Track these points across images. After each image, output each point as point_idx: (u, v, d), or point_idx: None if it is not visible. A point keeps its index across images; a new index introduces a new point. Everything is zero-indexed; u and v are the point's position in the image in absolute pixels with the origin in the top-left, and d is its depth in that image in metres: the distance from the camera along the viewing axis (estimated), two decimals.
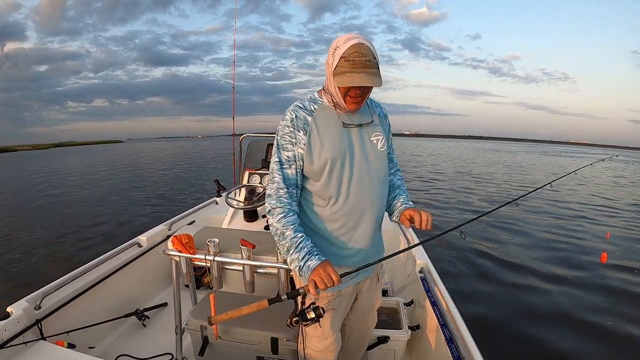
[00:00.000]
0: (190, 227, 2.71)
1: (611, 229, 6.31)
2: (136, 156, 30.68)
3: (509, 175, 15.43)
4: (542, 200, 8.48)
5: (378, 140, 1.15)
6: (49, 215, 7.53)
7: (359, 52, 0.95)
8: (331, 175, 1.08)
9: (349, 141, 1.10)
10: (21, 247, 5.29)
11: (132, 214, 7.43)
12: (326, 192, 1.10)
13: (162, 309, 2.32)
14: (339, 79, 0.98)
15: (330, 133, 1.08)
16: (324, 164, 1.06)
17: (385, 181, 1.20)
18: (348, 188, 1.10)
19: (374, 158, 1.14)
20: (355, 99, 1.03)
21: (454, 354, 1.37)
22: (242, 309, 1.11)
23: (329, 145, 1.07)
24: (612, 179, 15.63)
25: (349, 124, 1.10)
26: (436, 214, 7.19)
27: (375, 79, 0.97)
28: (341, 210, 1.11)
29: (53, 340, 1.55)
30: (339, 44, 0.99)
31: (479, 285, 3.85)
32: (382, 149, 1.15)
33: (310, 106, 1.10)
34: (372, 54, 0.97)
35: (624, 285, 3.93)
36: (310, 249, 1.03)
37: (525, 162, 24.34)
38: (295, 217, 1.07)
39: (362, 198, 1.12)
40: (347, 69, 0.96)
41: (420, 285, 1.95)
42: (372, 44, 0.99)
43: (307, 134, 1.07)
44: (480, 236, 5.62)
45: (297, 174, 1.09)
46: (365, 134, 1.13)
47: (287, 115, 1.09)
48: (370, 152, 1.13)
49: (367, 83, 0.96)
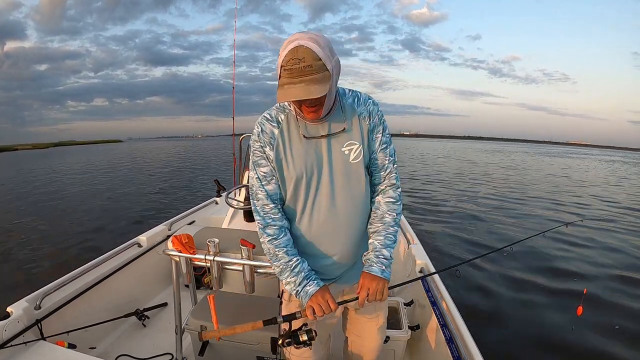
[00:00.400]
0: (190, 227, 2.71)
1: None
2: (136, 156, 30.68)
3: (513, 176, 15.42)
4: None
5: (351, 150, 0.99)
6: (48, 215, 7.53)
7: (296, 57, 0.80)
8: (296, 192, 1.01)
9: (315, 155, 0.98)
10: (21, 247, 5.29)
11: (132, 213, 7.43)
12: (293, 209, 1.04)
13: (162, 309, 2.32)
14: (278, 92, 0.84)
15: (295, 147, 0.98)
16: (292, 179, 0.99)
17: (362, 197, 1.04)
18: (312, 208, 1.02)
19: (345, 172, 1.00)
20: (311, 109, 0.90)
21: (454, 354, 1.37)
22: (235, 327, 1.10)
23: (293, 161, 0.98)
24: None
25: (312, 136, 0.98)
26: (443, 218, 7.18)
27: (317, 87, 0.81)
28: (309, 231, 1.04)
29: (53, 340, 1.55)
30: (280, 51, 0.85)
31: (479, 284, 3.85)
32: (355, 160, 0.99)
33: (278, 116, 1.00)
34: (313, 55, 0.81)
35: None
36: (308, 274, 1.01)
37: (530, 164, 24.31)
38: (286, 237, 1.03)
39: (331, 218, 1.02)
40: (286, 80, 0.83)
41: (420, 285, 1.95)
42: (319, 41, 0.82)
43: (273, 149, 0.99)
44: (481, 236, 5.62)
45: (279, 187, 1.03)
46: (335, 145, 0.99)
47: (255, 128, 1.01)
48: (340, 165, 0.99)
49: (304, 96, 0.81)
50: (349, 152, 0.99)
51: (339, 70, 0.91)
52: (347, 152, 0.99)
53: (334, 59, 0.87)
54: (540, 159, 31.16)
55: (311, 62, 0.81)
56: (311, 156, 0.98)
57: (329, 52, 0.85)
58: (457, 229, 6.04)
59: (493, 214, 7.28)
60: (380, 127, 1.02)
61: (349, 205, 1.02)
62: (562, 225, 1.97)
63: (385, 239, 1.03)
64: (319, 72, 0.82)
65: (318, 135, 0.98)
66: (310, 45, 0.81)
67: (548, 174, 16.75)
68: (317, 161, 0.98)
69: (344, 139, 0.99)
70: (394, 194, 1.06)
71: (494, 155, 33.16)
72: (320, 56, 0.82)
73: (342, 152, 0.99)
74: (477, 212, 7.47)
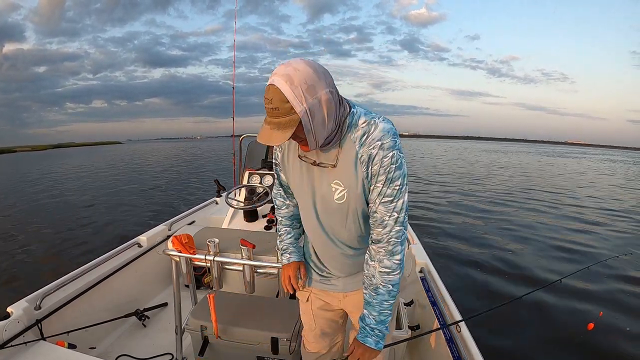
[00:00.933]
0: (190, 227, 2.71)
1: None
2: (135, 157, 30.69)
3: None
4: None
5: (336, 190, 0.90)
6: (48, 215, 7.53)
7: (267, 98, 0.76)
8: (299, 202, 1.06)
9: (307, 177, 0.96)
10: (21, 247, 5.29)
11: (132, 214, 7.44)
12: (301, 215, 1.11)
13: (162, 309, 2.32)
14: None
15: (292, 167, 1.00)
16: (294, 192, 1.06)
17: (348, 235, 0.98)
18: (305, 221, 1.07)
19: (329, 208, 0.95)
20: (300, 143, 0.87)
21: (454, 354, 1.37)
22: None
23: (292, 180, 1.03)
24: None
25: (305, 157, 0.93)
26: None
27: (278, 134, 0.77)
28: (307, 240, 1.14)
29: (53, 340, 1.55)
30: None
31: (479, 284, 3.85)
32: (339, 201, 0.91)
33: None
34: (280, 97, 0.74)
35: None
36: (287, 247, 1.16)
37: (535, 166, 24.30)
38: (291, 238, 1.17)
39: (319, 239, 1.04)
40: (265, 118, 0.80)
41: (420, 285, 1.95)
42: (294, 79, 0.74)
43: (281, 168, 1.07)
44: (482, 234, 5.63)
45: (288, 195, 1.15)
46: (325, 176, 0.91)
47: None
48: (325, 198, 0.94)
49: (264, 141, 0.78)
50: (335, 190, 0.90)
51: (330, 105, 0.79)
52: (333, 190, 0.91)
53: (313, 98, 0.76)
54: (547, 159, 31.14)
55: (278, 105, 0.75)
56: (304, 177, 0.97)
57: (303, 92, 0.74)
58: (457, 229, 6.05)
59: (498, 215, 7.29)
60: (382, 176, 0.84)
61: (336, 236, 1.00)
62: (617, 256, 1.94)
63: (380, 315, 0.94)
64: (285, 115, 0.76)
65: (310, 159, 0.93)
66: (280, 84, 0.74)
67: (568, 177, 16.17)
68: (308, 183, 0.96)
69: (332, 175, 0.90)
70: (390, 264, 0.90)
71: (498, 156, 33.16)
72: (288, 98, 0.74)
73: (330, 187, 0.91)
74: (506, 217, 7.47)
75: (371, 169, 0.85)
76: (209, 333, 1.49)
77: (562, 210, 7.92)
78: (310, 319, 1.21)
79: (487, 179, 13.81)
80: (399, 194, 0.86)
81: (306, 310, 1.21)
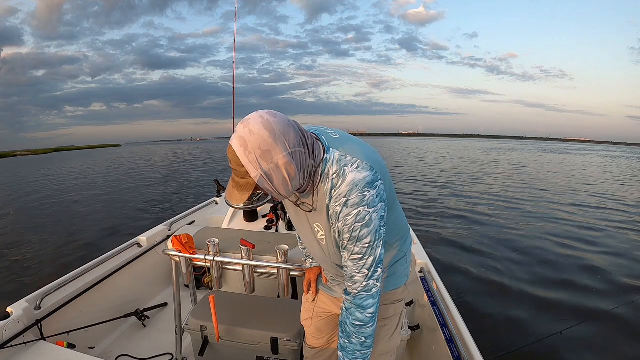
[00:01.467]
0: (190, 227, 2.70)
1: None
2: (135, 159, 30.69)
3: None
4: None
5: (318, 232, 0.91)
6: (48, 216, 7.54)
7: (228, 156, 0.75)
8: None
9: (296, 213, 0.97)
10: (21, 247, 5.30)
11: (132, 214, 7.44)
12: None
13: (162, 309, 2.32)
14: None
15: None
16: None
17: (338, 267, 0.96)
18: (307, 247, 1.09)
19: (316, 243, 0.95)
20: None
21: (454, 354, 1.37)
22: None
23: (287, 203, 0.99)
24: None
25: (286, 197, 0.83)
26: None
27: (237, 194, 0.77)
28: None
29: (53, 340, 1.55)
30: None
31: (479, 284, 3.85)
32: (322, 242, 0.92)
33: None
34: (236, 160, 0.73)
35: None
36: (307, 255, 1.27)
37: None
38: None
39: (316, 255, 1.04)
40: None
41: (420, 285, 1.95)
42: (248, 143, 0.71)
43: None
44: (482, 234, 5.62)
45: None
46: (309, 217, 0.92)
47: None
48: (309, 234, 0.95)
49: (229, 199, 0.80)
50: (318, 230, 0.90)
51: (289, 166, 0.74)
52: (317, 230, 0.91)
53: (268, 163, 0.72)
54: (553, 156, 31.14)
55: (235, 167, 0.75)
56: (293, 212, 0.98)
57: (257, 157, 0.71)
58: (457, 229, 6.04)
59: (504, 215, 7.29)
60: (347, 234, 0.80)
61: (328, 261, 0.99)
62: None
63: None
64: (242, 177, 0.75)
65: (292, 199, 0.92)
66: (236, 148, 0.72)
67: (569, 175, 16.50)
68: (296, 219, 0.99)
69: (313, 218, 0.89)
70: (362, 317, 0.86)
71: (498, 153, 33.16)
72: (243, 163, 0.72)
73: (313, 227, 0.91)
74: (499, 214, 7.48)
75: (337, 226, 0.81)
76: (209, 333, 1.49)
77: (568, 210, 7.93)
78: (309, 316, 1.26)
79: (493, 177, 13.81)
80: (368, 250, 0.80)
81: (308, 308, 1.26)
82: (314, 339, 1.27)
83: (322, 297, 1.22)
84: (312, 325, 1.25)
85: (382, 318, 1.03)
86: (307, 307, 1.28)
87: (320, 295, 1.23)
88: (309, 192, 0.85)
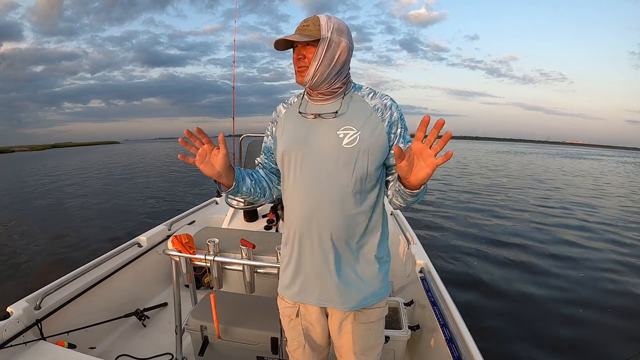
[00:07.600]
0: (190, 227, 2.70)
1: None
2: (133, 157, 30.67)
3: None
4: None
5: (346, 135, 0.90)
6: (47, 216, 7.53)
7: (304, 21, 0.90)
8: (285, 171, 0.99)
9: (305, 132, 0.95)
10: (20, 247, 5.29)
11: (132, 214, 7.43)
12: (284, 189, 1.02)
13: (162, 309, 2.32)
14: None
15: (289, 123, 1.00)
16: (280, 157, 0.99)
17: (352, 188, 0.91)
18: (293, 190, 0.96)
19: (333, 156, 0.90)
20: (297, 66, 0.92)
21: (454, 354, 1.37)
22: None
23: (285, 136, 0.99)
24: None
25: (305, 113, 0.97)
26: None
27: (298, 36, 0.88)
28: (288, 218, 1.01)
29: (53, 340, 1.55)
30: None
31: (479, 283, 3.85)
32: (349, 145, 0.89)
33: (292, 100, 1.05)
34: (315, 21, 0.88)
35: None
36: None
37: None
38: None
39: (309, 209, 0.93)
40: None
41: (420, 285, 1.95)
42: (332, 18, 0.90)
43: (275, 125, 1.05)
44: (482, 234, 5.62)
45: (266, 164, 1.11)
46: (329, 127, 0.92)
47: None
48: (328, 147, 0.91)
49: (285, 36, 0.88)
50: (344, 136, 0.90)
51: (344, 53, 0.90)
52: (342, 136, 0.90)
53: (338, 37, 0.89)
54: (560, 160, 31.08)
55: (310, 25, 0.88)
56: (300, 133, 0.95)
57: (334, 28, 0.88)
58: (457, 229, 6.04)
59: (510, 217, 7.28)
60: (402, 122, 0.94)
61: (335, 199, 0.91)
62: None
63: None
64: (312, 31, 0.88)
65: (311, 113, 0.96)
66: (320, 16, 0.90)
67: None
68: (303, 140, 0.94)
69: (340, 123, 0.92)
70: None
71: (499, 156, 33.14)
72: (321, 23, 0.88)
73: (337, 134, 0.91)
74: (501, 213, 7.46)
75: (389, 116, 0.93)
76: (209, 333, 1.49)
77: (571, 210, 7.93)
78: (299, 334, 1.10)
79: (494, 179, 13.81)
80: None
81: (295, 326, 1.09)
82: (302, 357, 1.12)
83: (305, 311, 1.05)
84: (305, 343, 1.09)
85: (369, 321, 1.03)
86: (293, 326, 1.09)
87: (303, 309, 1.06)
88: (336, 97, 0.95)
